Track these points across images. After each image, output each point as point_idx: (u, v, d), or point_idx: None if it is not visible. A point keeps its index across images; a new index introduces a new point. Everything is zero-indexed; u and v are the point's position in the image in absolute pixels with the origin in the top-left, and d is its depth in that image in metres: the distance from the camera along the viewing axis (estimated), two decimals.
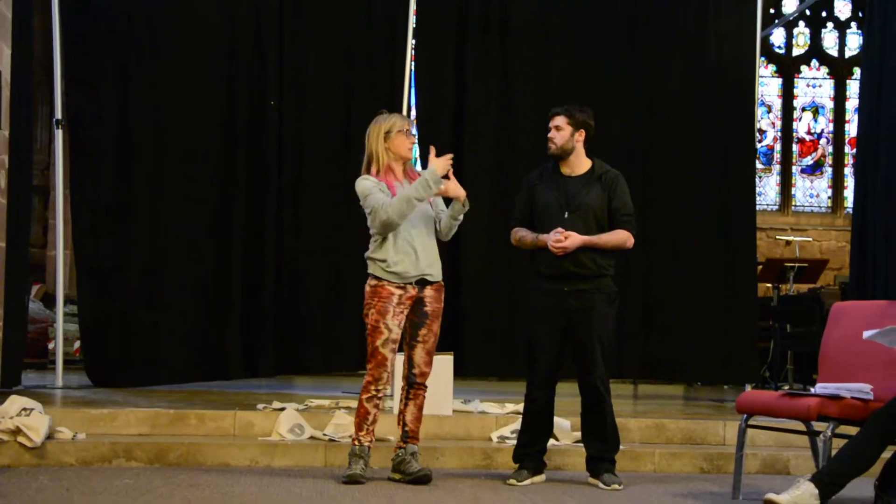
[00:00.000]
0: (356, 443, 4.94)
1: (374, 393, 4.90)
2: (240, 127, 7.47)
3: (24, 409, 5.28)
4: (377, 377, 4.88)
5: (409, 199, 4.86)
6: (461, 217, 5.03)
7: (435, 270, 5.01)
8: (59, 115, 7.33)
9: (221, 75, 7.51)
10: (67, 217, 7.59)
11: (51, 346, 9.08)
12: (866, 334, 4.53)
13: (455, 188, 4.97)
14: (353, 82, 7.63)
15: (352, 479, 4.82)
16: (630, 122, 7.95)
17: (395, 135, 5.01)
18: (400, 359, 5.10)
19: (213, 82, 7.49)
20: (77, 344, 8.56)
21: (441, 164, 4.92)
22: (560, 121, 5.15)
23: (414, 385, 5.03)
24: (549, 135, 5.16)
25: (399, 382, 5.60)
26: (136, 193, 7.36)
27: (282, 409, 5.96)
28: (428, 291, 4.98)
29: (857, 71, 12.67)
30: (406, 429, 5.04)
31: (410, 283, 4.93)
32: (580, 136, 5.16)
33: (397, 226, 4.89)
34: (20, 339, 7.08)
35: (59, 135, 7.37)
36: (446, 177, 4.96)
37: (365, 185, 4.99)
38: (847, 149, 13.50)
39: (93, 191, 7.32)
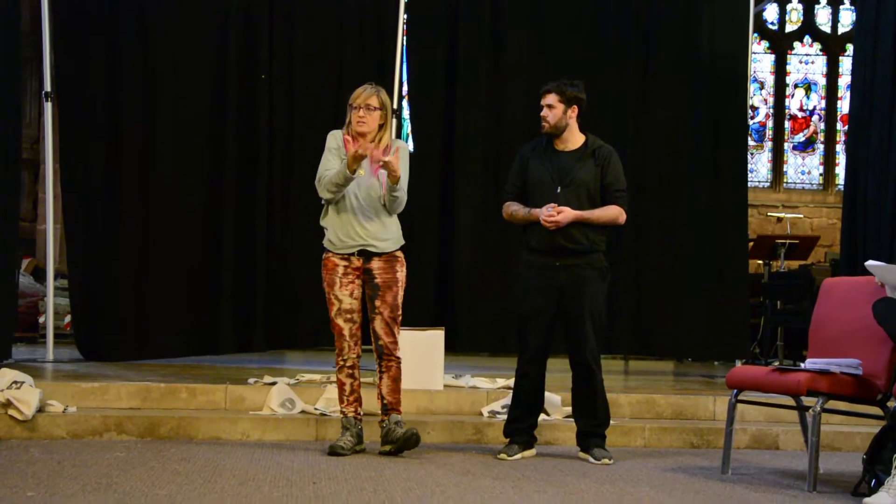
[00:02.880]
0: (342, 414, 5.06)
1: (341, 364, 5.04)
2: (230, 101, 7.42)
3: (15, 383, 5.29)
4: (340, 347, 5.03)
5: (333, 183, 4.95)
6: (398, 193, 4.97)
7: (381, 243, 5.02)
8: (48, 88, 7.27)
9: (212, 49, 7.45)
10: (57, 191, 7.55)
11: (41, 319, 9.08)
12: (869, 263, 4.59)
13: (393, 164, 4.84)
14: (343, 56, 7.58)
15: (332, 451, 4.95)
16: (623, 98, 7.93)
17: (350, 109, 5.04)
18: None
19: (204, 56, 7.44)
20: (68, 318, 8.56)
21: (350, 153, 4.87)
22: (552, 98, 5.12)
23: (383, 356, 5.06)
24: (542, 113, 5.14)
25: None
26: (126, 167, 7.31)
27: (273, 384, 5.96)
28: (375, 263, 5.01)
29: (849, 47, 12.66)
30: (384, 402, 5.07)
31: (353, 255, 4.97)
32: (573, 112, 5.15)
33: (333, 200, 4.99)
34: (11, 312, 7.06)
35: (48, 108, 7.31)
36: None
37: (328, 141, 5.11)
38: (839, 126, 13.49)
39: (82, 164, 7.28)
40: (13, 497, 3.77)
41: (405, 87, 7.82)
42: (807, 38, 13.78)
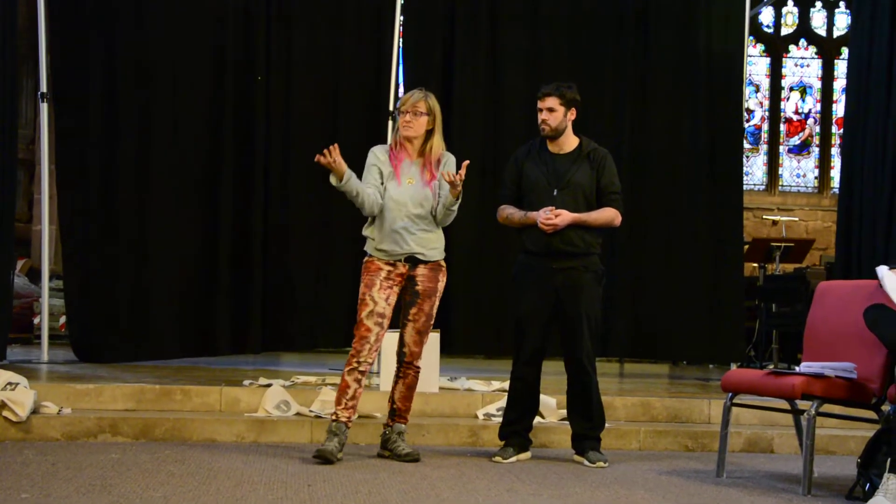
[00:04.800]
0: (333, 418, 4.88)
1: (354, 366, 4.84)
2: (227, 102, 7.42)
3: (10, 384, 5.27)
4: (359, 349, 4.84)
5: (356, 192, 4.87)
6: (454, 209, 4.94)
7: (428, 251, 4.96)
8: (44, 88, 7.26)
9: (208, 49, 7.45)
10: (53, 192, 7.54)
11: (36, 320, 9.06)
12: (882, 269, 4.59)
13: (459, 183, 4.83)
14: (340, 57, 7.59)
15: (321, 455, 4.74)
16: (619, 100, 7.95)
17: (399, 114, 5.00)
18: (393, 337, 5.10)
19: (200, 56, 7.44)
20: (63, 319, 8.54)
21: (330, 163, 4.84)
22: (552, 102, 5.12)
23: (403, 363, 5.03)
24: (543, 116, 5.13)
25: (386, 361, 5.62)
26: (122, 168, 7.31)
27: (268, 386, 5.96)
28: (420, 270, 4.96)
29: (845, 51, 12.69)
30: (394, 406, 5.05)
31: (400, 261, 4.93)
32: (571, 114, 5.16)
33: (373, 212, 4.91)
34: (5, 313, 7.05)
35: (44, 108, 7.31)
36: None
37: (368, 157, 5.03)
38: (834, 129, 13.52)
39: (78, 165, 7.27)
40: (7, 499, 3.76)
41: (401, 89, 7.82)
42: (802, 42, 13.81)
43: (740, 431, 5.89)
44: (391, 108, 7.35)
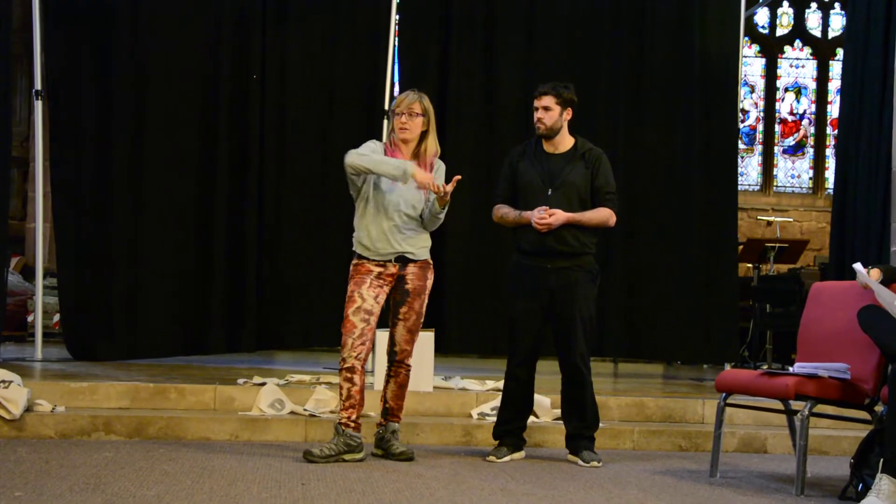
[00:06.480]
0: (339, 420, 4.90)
1: (342, 364, 4.80)
2: (222, 100, 7.41)
3: (3, 382, 5.27)
4: (343, 344, 4.82)
5: (376, 164, 4.82)
6: (441, 216, 4.95)
7: (418, 250, 4.97)
8: (38, 86, 7.25)
9: (204, 48, 7.44)
10: (47, 190, 7.52)
11: (30, 318, 9.04)
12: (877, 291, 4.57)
13: (441, 188, 4.83)
14: (336, 57, 7.59)
15: (304, 454, 4.81)
16: (614, 100, 7.95)
17: (392, 115, 5.00)
18: (384, 336, 5.09)
19: (196, 55, 7.43)
20: (56, 317, 8.52)
21: (422, 176, 4.83)
22: (548, 101, 5.12)
23: (394, 362, 5.03)
24: (538, 115, 5.14)
25: (379, 360, 5.62)
26: (116, 166, 7.29)
27: (262, 384, 5.95)
28: (410, 269, 4.96)
29: (840, 52, 12.71)
30: (386, 405, 5.06)
31: (390, 261, 4.93)
32: (567, 114, 5.16)
33: (350, 171, 4.85)
34: None
35: (38, 106, 7.28)
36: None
37: (368, 143, 4.99)
38: (829, 130, 13.55)
39: (73, 163, 7.25)
40: (0, 497, 3.76)
41: (397, 88, 7.82)
42: (797, 42, 13.83)
43: (734, 431, 5.90)
44: (387, 108, 7.34)
